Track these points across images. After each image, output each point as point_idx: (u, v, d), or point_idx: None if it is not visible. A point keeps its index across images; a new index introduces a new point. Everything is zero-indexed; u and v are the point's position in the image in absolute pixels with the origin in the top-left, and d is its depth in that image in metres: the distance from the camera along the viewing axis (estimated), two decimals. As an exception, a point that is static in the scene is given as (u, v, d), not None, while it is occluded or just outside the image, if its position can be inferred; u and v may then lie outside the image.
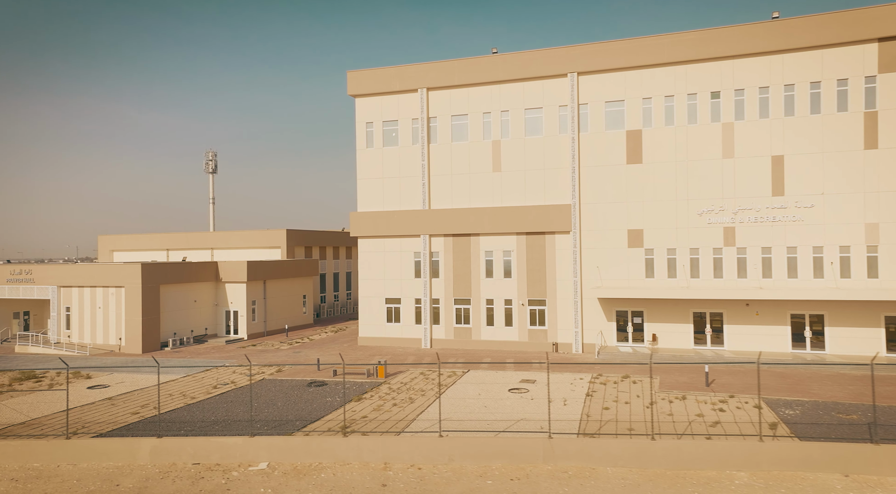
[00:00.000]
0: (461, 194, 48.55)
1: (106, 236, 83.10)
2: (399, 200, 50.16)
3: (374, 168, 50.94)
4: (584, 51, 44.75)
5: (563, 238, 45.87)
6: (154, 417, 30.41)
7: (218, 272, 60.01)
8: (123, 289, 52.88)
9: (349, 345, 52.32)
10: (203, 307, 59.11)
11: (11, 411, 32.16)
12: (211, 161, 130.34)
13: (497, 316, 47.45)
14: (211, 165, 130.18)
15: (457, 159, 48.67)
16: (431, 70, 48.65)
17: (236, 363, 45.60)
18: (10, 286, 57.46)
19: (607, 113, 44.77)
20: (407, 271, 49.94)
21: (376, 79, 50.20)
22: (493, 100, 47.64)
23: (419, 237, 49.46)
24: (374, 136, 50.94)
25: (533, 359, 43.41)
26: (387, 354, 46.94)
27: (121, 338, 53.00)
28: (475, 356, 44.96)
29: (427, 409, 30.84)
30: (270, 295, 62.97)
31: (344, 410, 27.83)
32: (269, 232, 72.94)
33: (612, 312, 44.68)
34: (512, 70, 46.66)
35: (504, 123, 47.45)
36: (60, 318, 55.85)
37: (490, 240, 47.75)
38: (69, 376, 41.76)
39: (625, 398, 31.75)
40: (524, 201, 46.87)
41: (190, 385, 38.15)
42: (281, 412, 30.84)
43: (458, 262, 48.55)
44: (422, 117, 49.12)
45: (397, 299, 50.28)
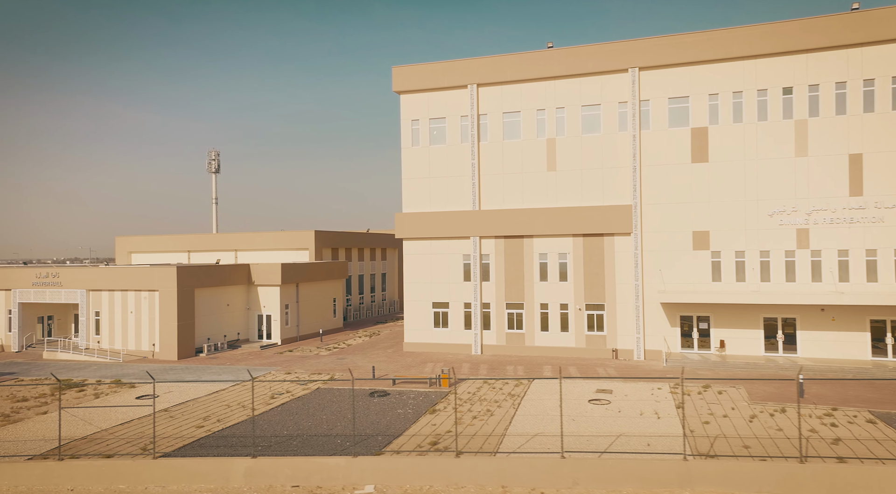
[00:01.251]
0: (513, 194, 46.71)
1: (123, 238, 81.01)
2: (447, 200, 48.30)
3: (420, 167, 49.06)
4: (647, 45, 42.97)
5: (623, 240, 44.06)
6: (222, 431, 28.50)
7: (250, 275, 58.07)
8: (157, 293, 50.88)
9: (393, 351, 50.41)
10: (235, 311, 57.17)
11: (68, 424, 30.16)
12: (213, 161, 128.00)
13: (552, 321, 45.62)
14: (213, 165, 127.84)
15: (509, 158, 46.82)
16: (482, 65, 46.80)
17: (282, 370, 43.65)
18: (37, 290, 55.39)
19: (671, 110, 42.98)
20: (455, 275, 48.07)
21: (423, 75, 48.33)
22: (547, 96, 45.80)
23: (469, 239, 47.59)
24: (420, 133, 49.06)
25: (595, 366, 41.57)
26: (436, 360, 45.06)
27: (154, 344, 51.00)
28: (532, 364, 43.10)
29: (512, 423, 28.98)
30: (302, 299, 61.03)
31: (433, 425, 25.92)
32: (296, 233, 70.98)
33: (675, 317, 42.89)
34: (568, 65, 44.85)
35: (559, 121, 45.62)
36: (89, 323, 53.81)
37: (544, 242, 45.91)
38: (111, 385, 39.78)
39: (719, 410, 29.93)
40: (581, 201, 45.05)
41: (244, 395, 36.20)
42: (356, 426, 28.91)
43: (509, 265, 46.70)
44: (472, 114, 47.26)
45: (445, 304, 48.40)
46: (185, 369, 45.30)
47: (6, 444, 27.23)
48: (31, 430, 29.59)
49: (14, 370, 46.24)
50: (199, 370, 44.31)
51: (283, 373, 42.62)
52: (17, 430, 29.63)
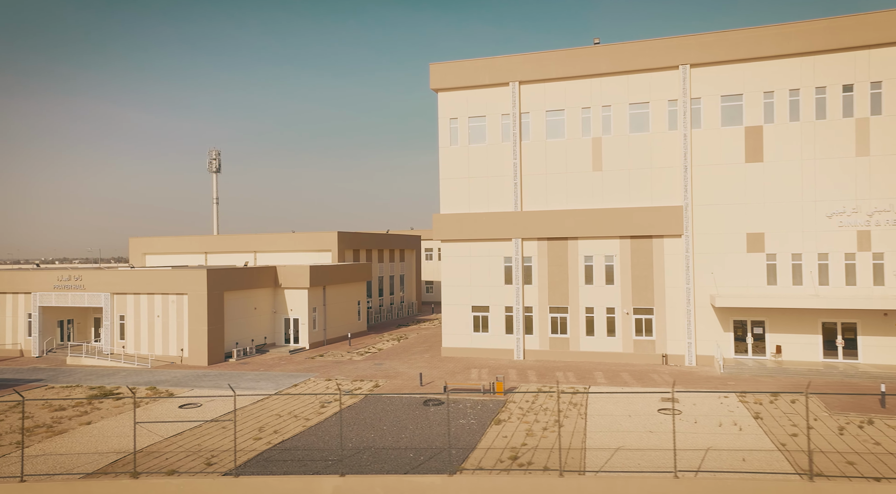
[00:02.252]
0: (557, 194, 45.37)
1: (137, 239, 79.41)
2: (487, 201, 46.92)
3: (458, 167, 47.68)
4: (699, 41, 41.70)
5: (672, 242, 42.77)
6: (283, 444, 27.05)
7: (277, 277, 56.59)
8: (186, 296, 49.36)
9: (431, 356, 48.99)
10: (262, 315, 55.70)
11: (119, 435, 28.65)
12: (215, 160, 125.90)
13: (598, 325, 44.29)
14: (215, 165, 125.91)
15: (552, 158, 45.48)
16: (525, 62, 45.45)
17: (320, 376, 42.18)
18: (58, 293, 53.78)
19: (723, 108, 41.71)
20: (496, 277, 46.69)
21: (462, 72, 46.95)
22: (593, 94, 44.49)
23: (510, 241, 46.23)
24: (459, 132, 47.68)
25: (648, 373, 40.26)
26: (479, 366, 43.68)
27: (182, 349, 49.48)
28: (581, 370, 41.75)
29: (588, 435, 27.59)
30: (329, 301, 59.59)
31: (504, 437, 24.54)
32: (319, 234, 69.51)
33: (728, 321, 41.62)
34: (615, 62, 43.56)
35: (605, 119, 44.30)
36: (114, 327, 52.24)
37: (590, 244, 44.58)
38: (149, 393, 38.27)
39: (800, 422, 28.61)
40: (628, 202, 43.75)
41: (291, 404, 34.74)
42: (420, 438, 27.51)
43: (553, 267, 45.35)
44: (513, 113, 45.90)
45: (485, 307, 47.02)
46: (218, 375, 43.82)
47: (59, 459, 25.73)
48: (80, 442, 28.07)
49: (41, 377, 44.66)
50: (235, 377, 42.83)
51: (324, 380, 41.20)
52: (65, 443, 28.11)
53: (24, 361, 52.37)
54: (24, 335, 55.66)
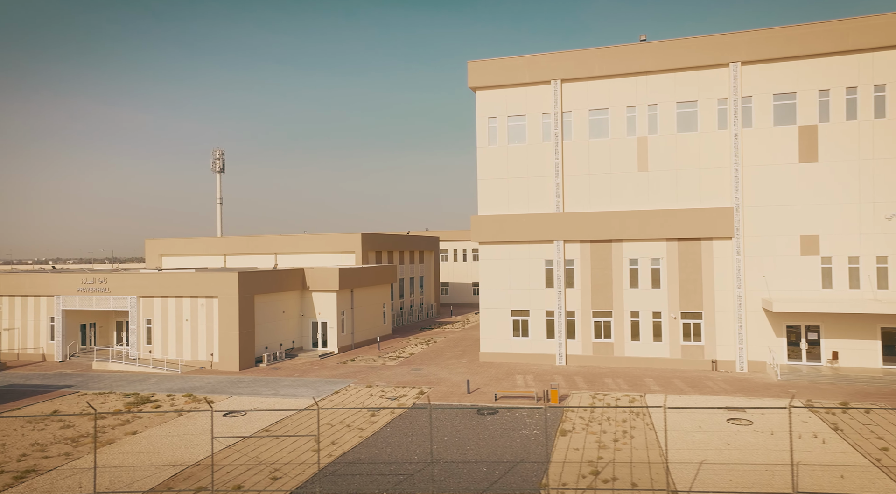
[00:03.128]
0: (600, 195, 44.18)
1: (154, 240, 78.13)
2: (527, 202, 45.71)
3: (497, 167, 46.47)
4: (750, 38, 40.53)
5: (722, 245, 41.59)
6: (345, 456, 25.81)
7: (305, 280, 55.35)
8: (217, 300, 48.10)
9: (468, 361, 47.76)
10: (290, 319, 54.46)
11: (169, 447, 27.38)
12: (218, 160, 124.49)
13: (643, 330, 43.08)
14: (218, 165, 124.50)
15: (595, 158, 44.29)
16: (567, 59, 44.26)
17: (359, 382, 40.91)
18: (83, 297, 52.50)
19: (776, 107, 40.54)
20: (537, 281, 45.47)
21: (501, 69, 45.74)
22: (638, 92, 43.30)
23: (552, 243, 45.02)
24: (498, 132, 46.47)
25: (701, 380, 39.04)
26: (523, 372, 42.46)
27: (212, 354, 48.22)
28: (630, 376, 40.53)
29: (668, 449, 26.32)
30: (356, 304, 58.36)
31: (576, 449, 23.31)
32: (342, 236, 68.28)
33: (781, 326, 40.42)
34: (662, 60, 42.38)
35: (651, 118, 43.12)
36: (140, 331, 50.97)
37: (635, 246, 43.38)
38: (187, 400, 37.01)
39: (886, 435, 27.40)
40: (675, 203, 42.56)
41: (339, 412, 33.48)
42: (487, 450, 26.28)
43: (596, 270, 44.15)
44: (555, 112, 44.70)
45: (525, 311, 45.79)
46: (253, 381, 42.56)
47: (114, 472, 24.46)
48: (132, 454, 26.80)
49: (70, 383, 43.39)
50: (271, 383, 41.58)
51: (364, 386, 39.96)
52: (116, 454, 26.83)
53: (48, 366, 51.09)
54: (47, 339, 54.38)
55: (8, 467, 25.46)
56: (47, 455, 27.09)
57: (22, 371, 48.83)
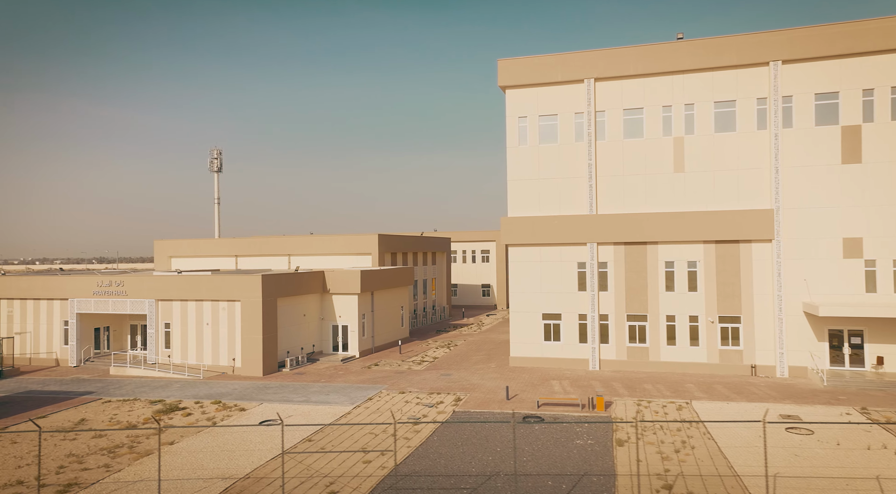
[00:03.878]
0: (635, 196, 43.28)
1: (163, 241, 76.77)
2: (559, 203, 44.76)
3: (528, 168, 45.51)
4: (791, 36, 39.72)
5: (761, 247, 40.75)
6: (400, 468, 24.73)
7: (325, 283, 54.21)
8: (239, 303, 46.93)
9: (497, 365, 46.74)
10: (310, 322, 53.31)
11: (213, 458, 26.24)
12: (216, 160, 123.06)
13: (680, 334, 42.19)
14: (216, 164, 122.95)
15: (629, 158, 43.38)
16: (601, 58, 43.34)
17: (391, 388, 39.82)
18: (98, 300, 51.19)
19: (817, 107, 39.73)
20: (569, 284, 44.51)
21: (533, 68, 44.78)
22: (674, 91, 42.43)
23: (585, 246, 44.07)
24: (529, 132, 45.50)
25: (744, 385, 38.15)
26: (556, 377, 41.48)
27: (234, 359, 47.05)
28: (669, 381, 39.61)
29: (730, 460, 25.40)
30: (376, 307, 57.29)
31: (640, 462, 22.33)
32: (358, 237, 67.15)
33: (822, 331, 39.60)
34: (699, 58, 41.54)
35: (688, 118, 42.26)
36: (159, 335, 49.71)
37: (670, 249, 42.49)
38: (218, 408, 35.85)
39: (953, 441, 26.55)
40: (713, 205, 41.70)
41: (380, 420, 32.37)
42: (545, 462, 25.28)
43: (630, 273, 43.22)
44: (588, 111, 43.77)
45: (557, 315, 44.82)
46: (280, 387, 41.42)
47: (164, 486, 23.27)
48: (175, 466, 25.64)
49: (90, 390, 42.14)
50: (300, 389, 40.46)
51: (397, 393, 38.89)
52: (155, 465, 25.61)
53: (63, 371, 49.77)
54: (60, 343, 53.04)
55: (48, 480, 24.30)
56: (86, 466, 25.93)
57: (37, 377, 47.51)
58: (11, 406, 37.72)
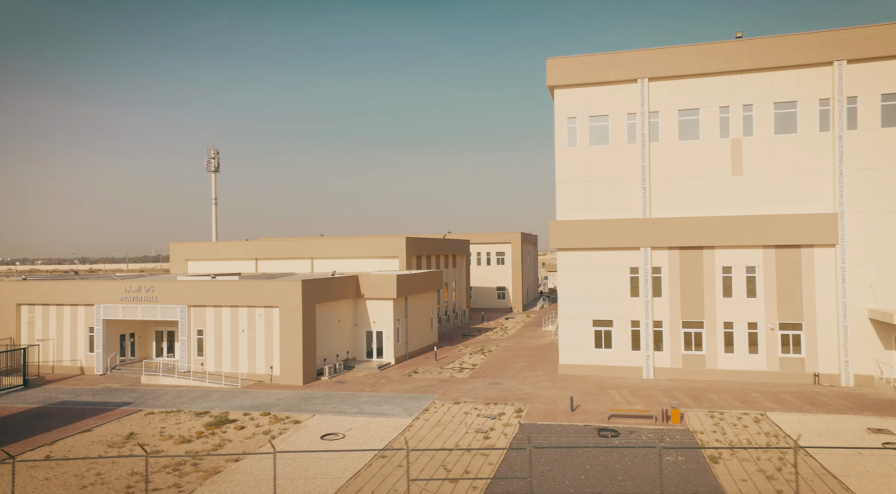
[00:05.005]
0: (690, 200, 42.05)
1: (179, 244, 74.85)
2: (610, 207, 43.47)
3: (577, 170, 44.18)
4: (857, 35, 38.61)
5: (823, 252, 39.62)
6: (493, 488, 23.27)
7: (359, 288, 52.68)
8: (277, 309, 45.35)
9: (544, 373, 45.37)
10: (345, 328, 51.77)
11: (291, 479, 24.69)
12: (213, 159, 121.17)
13: (738, 341, 40.97)
14: (213, 164, 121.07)
15: (685, 161, 42.15)
16: (656, 57, 42.09)
17: (445, 399, 38.34)
18: (125, 305, 49.45)
19: (884, 108, 38.64)
20: (620, 289, 43.22)
21: (583, 67, 43.47)
22: (732, 92, 41.23)
23: (638, 250, 42.80)
24: (578, 133, 44.18)
25: (811, 394, 36.95)
26: (612, 386, 40.16)
27: (272, 367, 45.45)
28: (732, 390, 38.36)
29: (841, 479, 24.13)
30: (409, 312, 55.83)
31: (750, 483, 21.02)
32: (385, 240, 65.64)
33: (890, 338, 38.50)
34: (758, 58, 40.37)
35: (746, 119, 41.07)
36: (191, 342, 48.03)
37: (728, 254, 41.29)
38: (271, 420, 34.28)
39: None
40: (772, 208, 40.53)
41: (447, 432, 30.96)
42: (646, 483, 23.94)
43: (685, 279, 41.98)
44: (641, 112, 42.51)
45: (608, 322, 43.52)
46: (325, 396, 39.88)
47: (249, 514, 21.72)
48: (252, 487, 24.06)
49: (126, 400, 40.45)
50: (347, 399, 38.95)
51: (451, 403, 37.46)
52: (233, 487, 24.05)
53: (90, 379, 48.01)
54: (85, 350, 51.25)
55: (121, 505, 22.70)
56: (156, 487, 24.33)
57: (65, 386, 45.74)
58: (50, 419, 36.02)
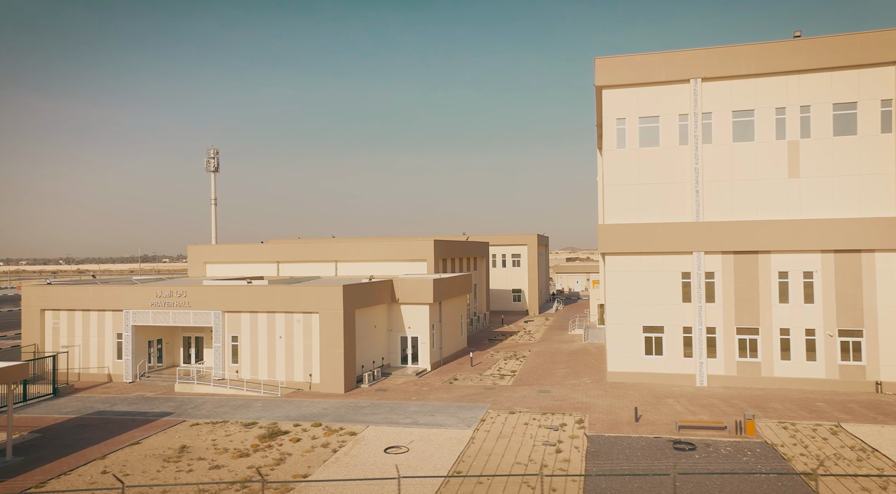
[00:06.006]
0: (744, 203, 41.04)
1: (197, 247, 73.30)
2: (661, 210, 42.40)
3: (626, 172, 43.11)
4: (920, 35, 37.64)
5: (886, 257, 38.69)
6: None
7: (394, 292, 51.46)
8: (317, 315, 44.09)
9: (592, 380, 44.25)
10: (380, 334, 50.52)
11: None
12: (213, 159, 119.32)
13: (795, 348, 39.97)
14: (213, 164, 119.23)
15: (739, 163, 41.13)
16: (710, 57, 41.07)
17: (499, 408, 37.15)
18: (156, 311, 48.05)
19: (948, 109, 37.69)
20: (672, 295, 42.15)
21: (634, 67, 42.41)
22: (788, 93, 40.24)
23: (690, 255, 41.74)
24: (627, 134, 43.10)
25: (880, 405, 35.97)
26: (666, 394, 39.08)
27: (311, 374, 44.17)
28: (794, 400, 37.34)
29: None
30: (443, 317, 54.65)
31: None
32: (413, 243, 64.41)
33: (954, 345, 37.55)
34: (817, 58, 39.41)
35: (804, 121, 40.09)
36: (225, 349, 46.70)
37: (784, 258, 40.28)
38: (326, 431, 32.98)
39: None
40: (831, 212, 39.55)
41: (513, 447, 29.78)
42: (761, 503, 22.81)
43: (740, 284, 40.95)
44: (694, 112, 41.47)
45: (659, 328, 42.43)
46: (373, 405, 38.63)
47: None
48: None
49: (165, 410, 39.11)
50: (398, 409, 37.72)
51: (507, 412, 36.29)
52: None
53: (119, 388, 46.61)
54: (113, 357, 49.82)
55: (201, 529, 21.38)
56: (231, 510, 23.01)
57: (95, 394, 44.36)
58: (93, 431, 34.65)
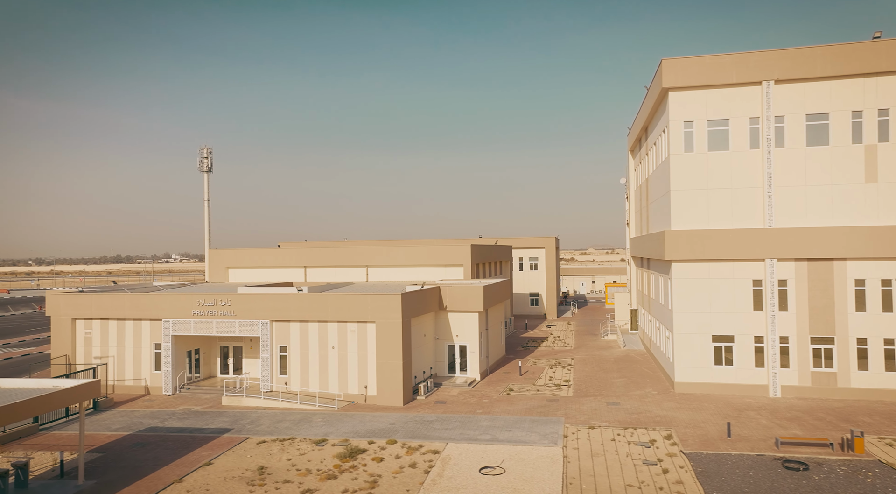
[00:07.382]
0: (818, 209, 39.94)
1: (218, 251, 71.25)
2: (730, 216, 41.21)
3: (694, 177, 41.87)
4: None
5: (968, 264, 37.66)
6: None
7: (441, 300, 49.88)
8: (373, 325, 42.45)
9: (657, 390, 42.96)
10: (428, 343, 48.93)
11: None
12: (206, 159, 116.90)
13: (873, 358, 38.92)
14: (206, 164, 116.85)
15: (812, 168, 40.03)
16: (783, 58, 39.94)
17: (568, 421, 35.68)
18: (198, 321, 46.14)
19: None
20: (742, 303, 40.96)
21: (703, 68, 41.18)
22: (866, 95, 39.20)
23: (761, 262, 40.59)
24: (696, 137, 41.87)
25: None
26: (737, 406, 37.86)
27: (366, 386, 42.50)
28: (877, 412, 36.27)
29: None
30: (489, 324, 53.15)
31: None
32: (448, 247, 62.74)
33: None
34: None
35: (882, 124, 39.10)
36: (273, 360, 44.89)
37: (861, 266, 39.23)
38: (409, 450, 31.34)
39: None
40: (910, 218, 38.52)
41: (612, 465, 28.34)
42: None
43: (814, 292, 39.85)
44: (766, 116, 40.32)
45: (729, 337, 41.22)
46: (442, 420, 37.06)
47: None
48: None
49: (222, 426, 37.29)
50: (469, 423, 36.18)
51: (585, 427, 34.88)
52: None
53: (162, 401, 44.63)
54: (150, 369, 47.78)
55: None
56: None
57: (138, 408, 42.38)
58: (156, 449, 32.78)
